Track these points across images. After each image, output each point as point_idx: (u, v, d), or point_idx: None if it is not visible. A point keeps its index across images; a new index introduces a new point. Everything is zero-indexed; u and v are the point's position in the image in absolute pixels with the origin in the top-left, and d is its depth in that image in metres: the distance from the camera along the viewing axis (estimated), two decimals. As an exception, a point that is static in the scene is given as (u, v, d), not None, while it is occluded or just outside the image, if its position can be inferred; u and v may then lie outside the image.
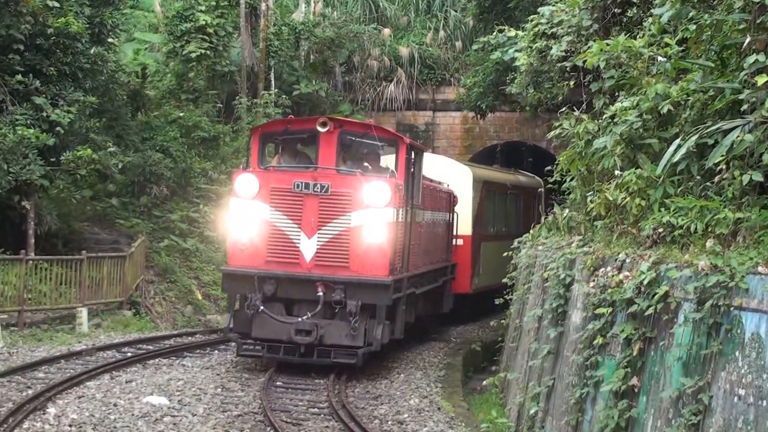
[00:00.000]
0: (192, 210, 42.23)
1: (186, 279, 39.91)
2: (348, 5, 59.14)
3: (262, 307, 24.15)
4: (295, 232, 24.66)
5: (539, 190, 43.86)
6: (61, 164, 35.11)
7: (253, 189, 24.77)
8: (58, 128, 34.85)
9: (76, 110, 36.24)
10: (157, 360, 27.46)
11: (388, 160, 28.44)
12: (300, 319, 24.26)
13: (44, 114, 35.04)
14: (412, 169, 27.70)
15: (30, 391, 21.11)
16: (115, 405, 20.63)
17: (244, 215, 24.79)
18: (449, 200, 36.99)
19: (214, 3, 49.16)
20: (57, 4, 36.77)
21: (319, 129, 24.86)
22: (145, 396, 21.74)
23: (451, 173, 39.05)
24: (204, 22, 48.17)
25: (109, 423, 18.88)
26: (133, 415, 19.75)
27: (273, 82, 48.83)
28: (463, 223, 38.67)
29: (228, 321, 25.82)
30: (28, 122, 34.27)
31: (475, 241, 40.58)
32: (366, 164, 27.69)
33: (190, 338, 31.71)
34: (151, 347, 29.49)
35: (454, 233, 37.65)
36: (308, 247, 24.51)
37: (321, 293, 24.19)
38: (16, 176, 32.96)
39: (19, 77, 35.03)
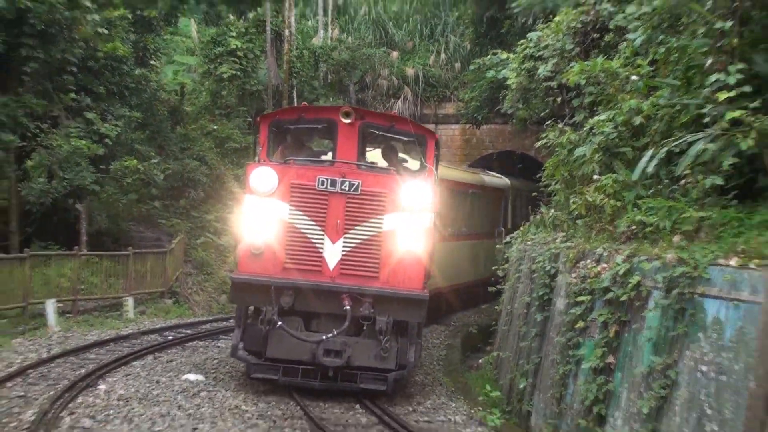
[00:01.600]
0: (225, 211, 42.23)
1: (221, 271, 39.99)
2: (361, 31, 59.26)
3: (280, 323, 18.29)
4: (317, 236, 18.52)
5: (505, 190, 43.43)
6: (110, 172, 35.29)
7: (270, 185, 18.84)
8: (106, 140, 35.36)
9: (122, 124, 36.64)
10: (194, 342, 27.53)
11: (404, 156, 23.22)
12: (325, 337, 18.26)
13: (94, 127, 35.40)
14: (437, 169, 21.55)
15: (83, 371, 21.11)
16: (157, 382, 20.66)
17: (259, 215, 18.72)
18: None
19: (243, 29, 49.48)
20: (106, 31, 37.11)
21: (342, 119, 19.19)
22: (183, 374, 21.77)
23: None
24: (235, 47, 48.56)
25: (152, 397, 18.89)
26: (173, 390, 19.76)
27: (296, 100, 48.83)
28: None
29: (235, 338, 19.38)
30: (81, 135, 34.53)
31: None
32: (390, 160, 21.75)
33: (224, 323, 31.62)
34: (189, 331, 29.53)
35: None
36: (332, 253, 18.51)
37: (348, 307, 18.22)
38: (70, 182, 33.29)
39: (72, 95, 35.49)
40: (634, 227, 17.07)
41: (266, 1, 47.61)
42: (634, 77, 19.73)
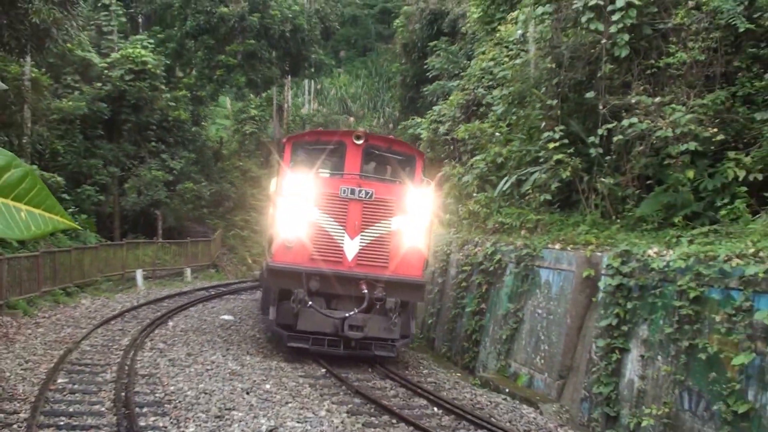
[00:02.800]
0: (246, 215, 42.23)
1: (243, 252, 39.96)
2: (331, 104, 59.14)
3: (310, 303, 15.26)
4: (339, 233, 15.68)
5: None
6: (176, 191, 35.58)
7: (303, 192, 15.69)
8: (174, 171, 35.54)
9: (183, 161, 36.83)
10: (227, 296, 27.31)
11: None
12: (348, 314, 15.33)
13: (166, 163, 35.60)
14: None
15: (159, 313, 20.96)
16: (204, 320, 20.52)
17: (293, 215, 15.68)
18: None
19: (259, 103, 49.33)
20: (173, 104, 37.45)
21: (354, 141, 16.26)
22: (221, 315, 21.65)
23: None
24: (253, 113, 48.45)
25: (202, 329, 18.78)
26: (214, 325, 19.65)
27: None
28: None
29: (272, 314, 15.84)
30: (158, 168, 35.07)
31: None
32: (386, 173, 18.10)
33: (244, 284, 31.56)
34: (224, 289, 29.34)
35: None
36: (351, 247, 15.74)
37: (366, 290, 15.38)
38: (151, 197, 33.91)
39: (153, 143, 35.83)
40: (497, 225, 17.20)
41: (273, 86, 47.53)
42: (497, 134, 19.88)
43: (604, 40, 14.32)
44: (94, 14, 39.20)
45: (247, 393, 12.27)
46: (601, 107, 14.38)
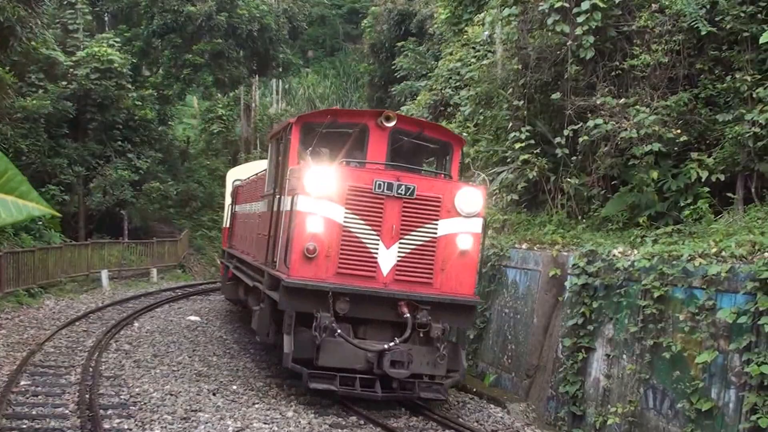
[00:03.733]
0: (215, 215, 41.99)
1: (211, 253, 39.71)
2: (299, 104, 58.83)
3: (339, 331, 11.33)
4: (372, 241, 11.74)
5: None
6: (142, 191, 35.47)
7: (326, 187, 11.59)
8: (140, 170, 35.50)
9: (150, 161, 36.76)
10: (194, 296, 27.07)
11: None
12: (387, 346, 11.41)
13: (132, 163, 35.47)
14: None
15: (124, 314, 20.72)
16: (171, 320, 20.31)
17: (314, 217, 11.61)
18: None
19: (226, 102, 49.13)
20: (140, 103, 37.39)
21: (385, 124, 12.53)
22: (187, 315, 21.45)
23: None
24: (221, 113, 48.27)
25: (168, 330, 18.58)
26: (181, 325, 19.46)
27: (258, 146, 48.52)
28: None
29: (287, 346, 11.54)
30: (124, 167, 34.98)
31: None
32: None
33: (212, 285, 31.33)
34: (191, 290, 29.11)
35: None
36: (386, 258, 11.78)
37: (407, 314, 11.52)
38: (116, 197, 33.78)
39: (119, 142, 35.74)
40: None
41: (241, 85, 47.26)
42: (464, 134, 19.89)
43: (569, 42, 14.41)
44: (60, 12, 38.67)
45: (214, 394, 12.17)
46: (567, 108, 14.47)
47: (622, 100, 13.68)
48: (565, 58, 14.66)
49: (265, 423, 10.64)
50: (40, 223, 26.80)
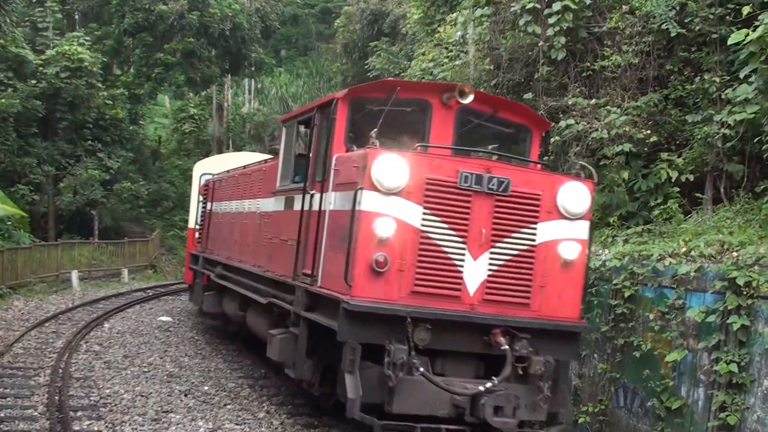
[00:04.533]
0: (186, 215, 41.81)
1: (182, 253, 39.43)
2: (272, 104, 58.55)
3: (422, 369, 8.17)
4: (457, 250, 8.49)
5: None
6: (113, 191, 35.34)
7: (400, 179, 8.23)
8: (111, 170, 35.42)
9: (121, 160, 36.72)
10: (166, 297, 26.83)
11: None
12: (485, 387, 8.26)
13: (103, 162, 35.35)
14: None
15: (95, 315, 20.49)
16: (142, 321, 20.11)
17: (384, 220, 8.20)
18: None
19: (198, 101, 48.85)
20: (111, 102, 37.20)
21: (460, 100, 9.59)
22: (159, 316, 21.25)
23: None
24: (193, 112, 47.99)
25: (139, 330, 18.39)
26: (152, 326, 19.27)
27: (231, 146, 48.32)
28: None
29: (352, 390, 8.05)
30: (94, 167, 34.84)
31: None
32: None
33: (183, 286, 31.10)
34: (162, 290, 28.85)
35: None
36: (474, 272, 8.54)
37: (506, 346, 8.49)
38: (87, 197, 33.64)
39: (89, 142, 35.59)
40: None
41: (213, 84, 47.04)
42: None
43: (541, 43, 14.47)
44: (29, 10, 38.29)
45: (185, 395, 12.06)
46: (539, 109, 14.51)
47: (593, 101, 13.76)
48: (537, 58, 14.72)
49: (236, 424, 10.57)
50: (9, 223, 26.46)
